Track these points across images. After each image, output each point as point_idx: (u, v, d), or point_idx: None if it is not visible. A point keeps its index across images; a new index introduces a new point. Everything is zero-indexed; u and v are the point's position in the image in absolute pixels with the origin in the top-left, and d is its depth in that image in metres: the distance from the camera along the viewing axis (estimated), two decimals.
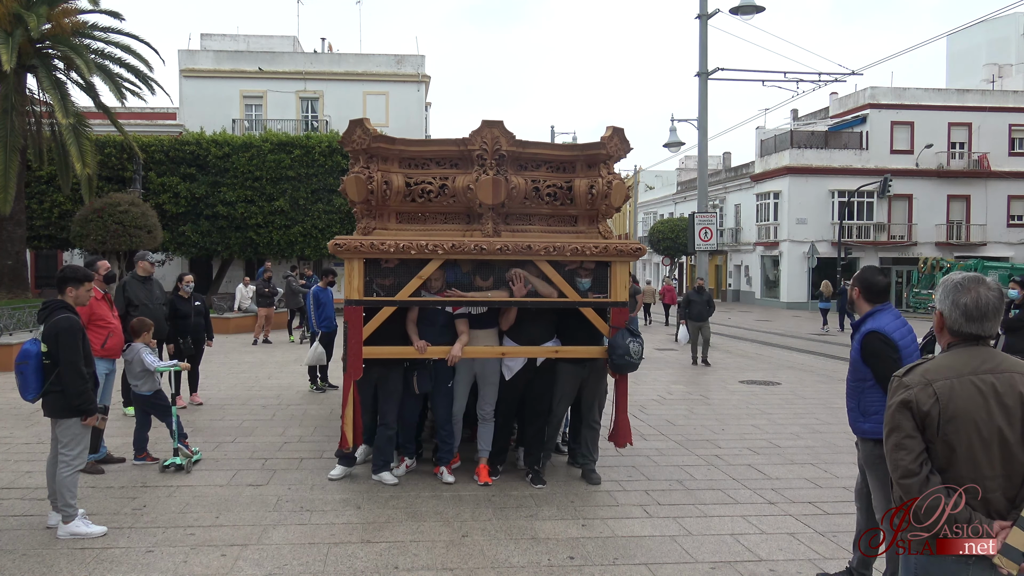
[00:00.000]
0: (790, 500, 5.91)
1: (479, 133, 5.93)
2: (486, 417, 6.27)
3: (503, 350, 6.20)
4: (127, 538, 4.88)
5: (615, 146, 6.17)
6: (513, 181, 5.98)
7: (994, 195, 36.90)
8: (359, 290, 5.92)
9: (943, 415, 2.36)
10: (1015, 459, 2.35)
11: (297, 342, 17.03)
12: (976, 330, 2.46)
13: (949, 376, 2.40)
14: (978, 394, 2.36)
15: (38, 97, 20.76)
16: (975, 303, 2.45)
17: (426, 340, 6.03)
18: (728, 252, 43.17)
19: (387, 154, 6.04)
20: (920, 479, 2.36)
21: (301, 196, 25.57)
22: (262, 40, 35.50)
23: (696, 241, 18.30)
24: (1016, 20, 41.60)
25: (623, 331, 6.01)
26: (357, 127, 5.93)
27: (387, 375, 6.10)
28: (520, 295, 6.05)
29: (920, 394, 2.39)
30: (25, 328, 13.95)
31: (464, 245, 5.87)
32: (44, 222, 24.51)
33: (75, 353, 4.89)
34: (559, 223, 6.36)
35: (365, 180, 5.90)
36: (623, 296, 6.19)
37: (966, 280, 2.50)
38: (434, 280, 6.03)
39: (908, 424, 2.41)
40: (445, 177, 6.04)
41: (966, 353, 2.45)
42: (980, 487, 2.34)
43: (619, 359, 5.94)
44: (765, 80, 19.86)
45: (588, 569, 4.51)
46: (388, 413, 6.13)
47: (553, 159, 6.25)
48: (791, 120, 42.77)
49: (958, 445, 2.36)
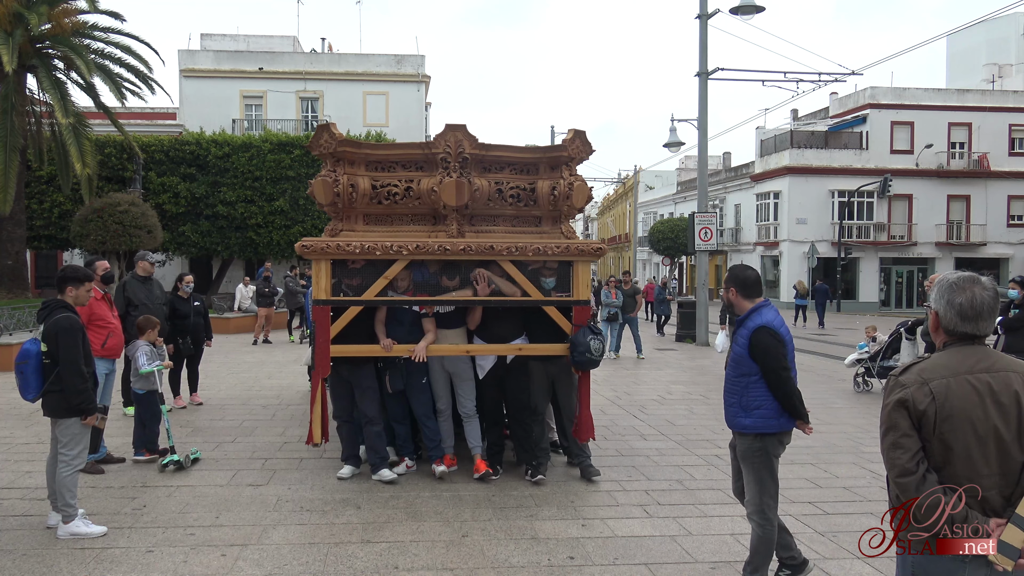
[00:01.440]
0: (790, 500, 5.90)
1: (443, 136, 6.07)
2: (468, 414, 6.40)
3: (468, 348, 6.35)
4: (127, 538, 4.88)
5: (576, 148, 6.29)
6: (476, 183, 6.09)
7: (994, 195, 36.88)
8: (326, 290, 6.05)
9: (939, 414, 2.37)
10: (1011, 457, 2.36)
11: (297, 342, 17.03)
12: (971, 329, 2.47)
13: (945, 375, 2.40)
14: (974, 393, 2.37)
15: (38, 97, 20.76)
16: (970, 303, 2.45)
17: (394, 339, 6.13)
18: (728, 252, 43.14)
19: (353, 157, 6.17)
20: (917, 478, 2.36)
21: (301, 196, 25.55)
22: (262, 40, 35.50)
23: (696, 241, 18.29)
24: (1016, 20, 41.58)
25: (584, 329, 6.11)
26: (324, 131, 6.07)
27: (359, 372, 6.20)
28: (484, 294, 6.16)
29: (916, 393, 2.40)
30: (25, 328, 13.95)
31: (428, 246, 5.97)
32: (44, 222, 24.49)
33: (75, 353, 4.89)
34: (523, 224, 6.48)
35: (332, 183, 6.05)
36: (585, 295, 6.30)
37: (961, 280, 2.50)
38: (400, 280, 6.13)
39: (904, 423, 2.41)
40: (410, 180, 6.17)
41: (962, 352, 2.46)
42: (977, 485, 2.35)
43: (580, 356, 6.04)
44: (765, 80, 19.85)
45: (588, 569, 4.51)
46: (369, 409, 6.21)
47: (516, 161, 6.36)
48: (791, 120, 42.75)
49: (954, 444, 2.36)
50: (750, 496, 4.18)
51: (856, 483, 6.41)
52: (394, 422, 6.47)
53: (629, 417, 9.08)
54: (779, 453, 4.19)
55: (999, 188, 36.77)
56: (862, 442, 7.91)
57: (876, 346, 11.45)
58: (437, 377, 6.39)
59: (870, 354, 11.44)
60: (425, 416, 6.37)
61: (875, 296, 36.57)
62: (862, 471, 6.79)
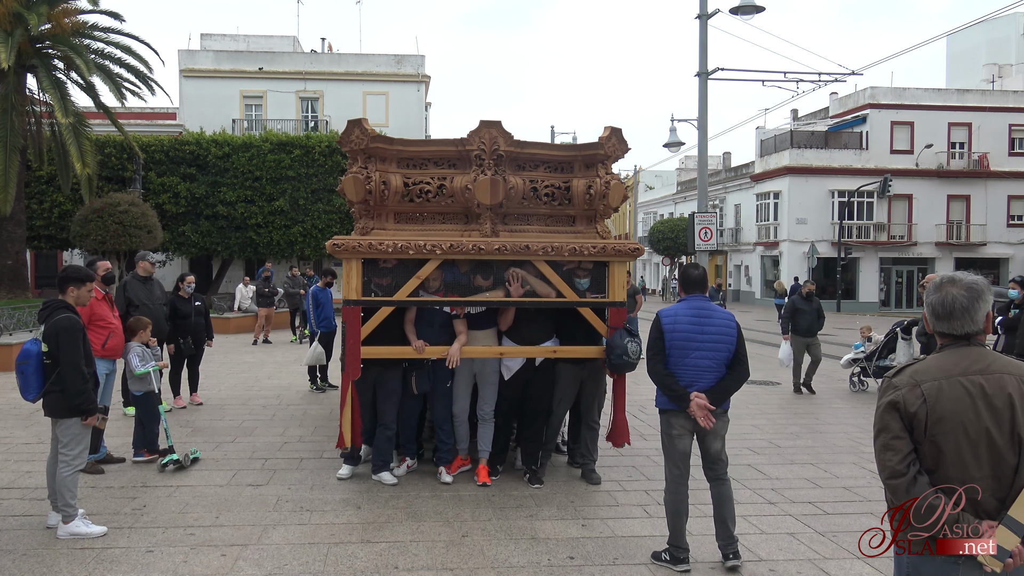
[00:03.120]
0: (790, 500, 5.91)
1: (477, 133, 5.94)
2: (486, 417, 6.27)
3: (501, 350, 6.20)
4: (127, 538, 4.88)
5: (613, 146, 6.18)
6: (511, 181, 5.99)
7: (994, 195, 36.88)
8: (357, 290, 5.93)
9: (931, 416, 2.37)
10: (1003, 460, 2.35)
11: (298, 342, 17.03)
12: (945, 328, 2.48)
13: (937, 377, 2.40)
14: (966, 395, 2.36)
15: (38, 97, 20.77)
16: (941, 302, 2.48)
17: (424, 340, 6.02)
18: (728, 252, 43.15)
19: (385, 154, 6.05)
20: (907, 480, 2.36)
21: (301, 196, 25.57)
22: (262, 40, 35.50)
23: (696, 241, 18.28)
24: (1016, 20, 41.58)
25: (621, 331, 6.01)
26: (355, 127, 5.94)
27: (385, 375, 6.10)
28: (517, 295, 6.06)
29: (908, 395, 2.40)
30: (25, 328, 13.95)
31: (462, 245, 5.88)
32: (44, 222, 24.49)
33: (76, 353, 4.89)
34: (557, 223, 6.37)
35: (363, 180, 5.92)
36: (621, 296, 6.20)
37: (941, 279, 2.53)
38: (432, 280, 6.03)
39: (896, 425, 2.42)
40: (443, 177, 6.05)
41: (957, 354, 2.45)
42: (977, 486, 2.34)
43: (617, 359, 5.95)
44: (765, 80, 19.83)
45: (588, 569, 4.51)
46: (387, 413, 6.13)
47: (551, 159, 6.26)
48: (791, 120, 42.73)
49: (946, 446, 2.36)
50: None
51: (856, 483, 6.41)
52: (402, 421, 6.39)
53: (629, 417, 9.05)
54: (672, 433, 4.61)
55: (999, 188, 36.77)
56: (862, 442, 7.91)
57: (872, 346, 11.46)
58: (462, 379, 6.25)
59: (866, 354, 11.44)
60: (444, 420, 6.28)
61: (875, 296, 36.57)
62: (862, 471, 6.79)
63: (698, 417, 4.43)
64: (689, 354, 4.50)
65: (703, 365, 4.50)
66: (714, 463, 4.63)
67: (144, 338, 6.89)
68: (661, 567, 4.55)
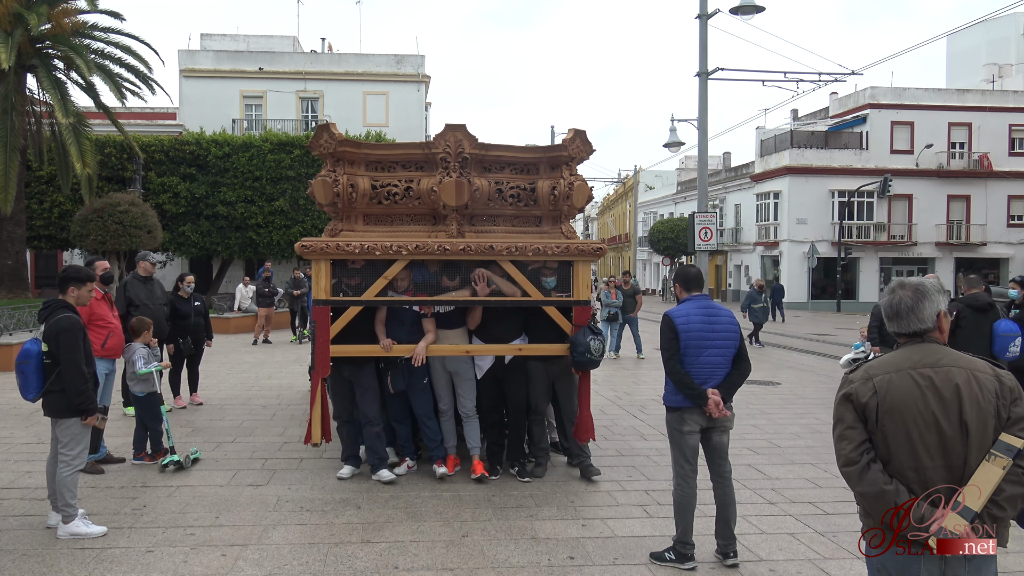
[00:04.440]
0: (790, 500, 5.91)
1: (442, 136, 6.06)
2: (468, 414, 6.39)
3: (468, 348, 6.33)
4: (127, 538, 4.88)
5: (577, 148, 6.27)
6: (476, 183, 6.08)
7: (994, 195, 36.88)
8: (326, 290, 6.04)
9: (881, 407, 2.50)
10: (953, 450, 2.43)
11: (298, 342, 17.04)
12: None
13: (889, 371, 2.54)
14: (915, 387, 2.48)
15: (38, 97, 20.75)
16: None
17: (394, 339, 6.12)
18: (728, 252, 43.14)
19: (353, 157, 6.17)
20: (859, 467, 2.49)
21: (301, 196, 25.54)
22: (262, 40, 35.50)
23: (696, 241, 18.27)
24: (1016, 20, 41.58)
25: (585, 329, 6.11)
26: (324, 132, 6.06)
27: (359, 372, 6.19)
28: (483, 294, 6.15)
29: (860, 388, 2.55)
30: (25, 328, 13.95)
31: (428, 246, 5.96)
32: (44, 222, 24.49)
33: (76, 353, 4.89)
34: (523, 224, 6.47)
35: (331, 183, 6.04)
36: (585, 295, 6.29)
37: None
38: (401, 280, 6.12)
39: (850, 416, 2.56)
40: (410, 180, 6.17)
41: (911, 350, 2.59)
42: (922, 476, 2.44)
43: (580, 356, 6.03)
44: (765, 80, 19.84)
45: (588, 569, 4.51)
46: (369, 410, 6.20)
47: (516, 161, 6.36)
48: (791, 120, 42.74)
49: (896, 435, 2.48)
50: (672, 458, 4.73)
51: None
52: (395, 422, 6.47)
53: (629, 417, 9.08)
54: (684, 429, 4.59)
55: (999, 188, 36.77)
56: None
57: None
58: (438, 377, 6.37)
59: (866, 354, 11.45)
60: (426, 416, 6.36)
61: (875, 296, 36.49)
62: None
63: (715, 413, 4.50)
64: (702, 352, 4.57)
65: (715, 362, 4.59)
66: (721, 460, 4.66)
67: (147, 339, 6.89)
68: (662, 567, 4.55)
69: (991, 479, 2.34)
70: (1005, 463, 2.34)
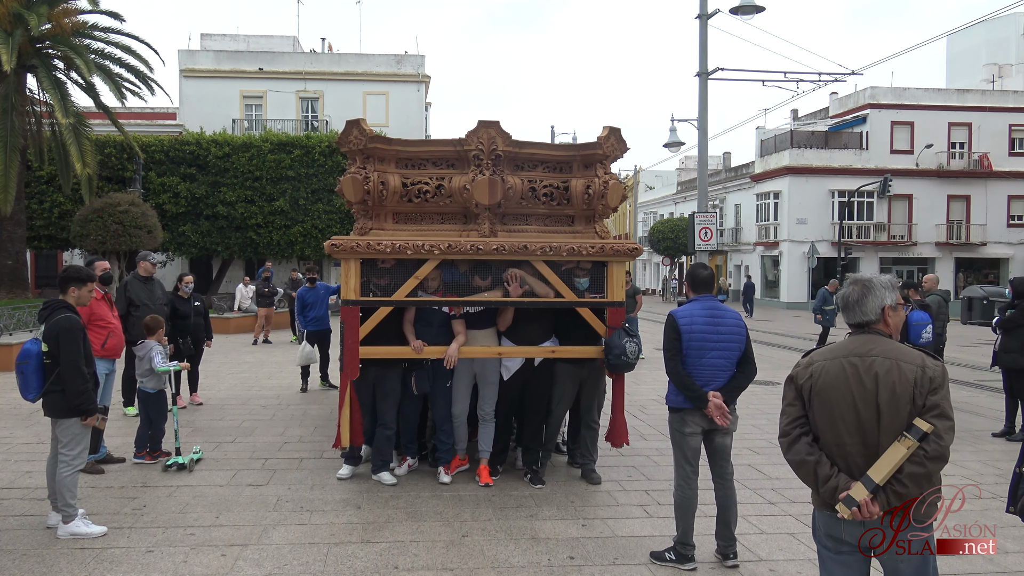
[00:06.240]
0: (790, 500, 5.91)
1: (475, 133, 5.94)
2: (486, 418, 6.25)
3: (500, 350, 6.19)
4: (127, 538, 4.89)
5: (611, 146, 6.17)
6: (509, 181, 5.98)
7: (994, 195, 36.86)
8: (355, 290, 5.92)
9: (813, 389, 2.85)
10: (868, 432, 2.72)
11: (298, 342, 17.03)
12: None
13: (828, 357, 2.87)
14: (842, 372, 2.79)
15: (38, 97, 20.75)
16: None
17: (423, 340, 6.02)
18: (728, 252, 43.15)
19: (384, 154, 6.06)
20: (790, 439, 2.87)
21: (301, 196, 25.56)
22: (262, 40, 35.51)
23: (696, 241, 18.27)
24: (1016, 20, 41.56)
25: (619, 331, 6.00)
26: (354, 128, 5.94)
27: (384, 375, 6.09)
28: (516, 295, 6.05)
29: (802, 371, 2.92)
30: (25, 328, 13.96)
31: (460, 245, 5.87)
32: (44, 222, 24.49)
33: (76, 353, 4.90)
34: (556, 223, 6.37)
35: (362, 180, 5.92)
36: (620, 296, 6.19)
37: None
38: (431, 280, 6.03)
39: (791, 394, 2.94)
40: (442, 177, 6.05)
41: (852, 340, 2.89)
42: (843, 451, 2.76)
43: (615, 359, 5.93)
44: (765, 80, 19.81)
45: (588, 569, 4.51)
46: (386, 413, 6.13)
47: (549, 159, 6.26)
48: (791, 120, 42.74)
49: (822, 414, 2.82)
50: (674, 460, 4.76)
51: None
52: (403, 420, 6.38)
53: (629, 417, 9.05)
54: (686, 431, 4.59)
55: (999, 188, 36.76)
56: None
57: None
58: (461, 379, 6.23)
59: None
60: (444, 420, 6.27)
61: None
62: None
63: (715, 416, 4.47)
64: (705, 354, 4.55)
65: (718, 365, 4.56)
66: (723, 461, 4.65)
67: (159, 337, 6.90)
68: (662, 567, 4.56)
69: (895, 457, 2.61)
70: (910, 444, 2.60)
